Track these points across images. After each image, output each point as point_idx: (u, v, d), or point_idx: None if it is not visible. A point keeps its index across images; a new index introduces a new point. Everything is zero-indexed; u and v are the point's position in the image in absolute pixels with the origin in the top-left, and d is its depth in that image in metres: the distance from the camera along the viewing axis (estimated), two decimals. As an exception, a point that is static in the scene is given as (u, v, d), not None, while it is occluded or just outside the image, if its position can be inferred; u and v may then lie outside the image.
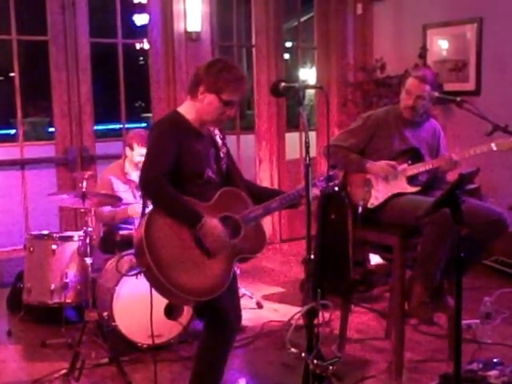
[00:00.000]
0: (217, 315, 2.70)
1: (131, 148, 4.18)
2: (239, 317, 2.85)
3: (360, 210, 3.42)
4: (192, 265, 2.56)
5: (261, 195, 2.86)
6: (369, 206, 3.43)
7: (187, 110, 2.73)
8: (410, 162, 3.45)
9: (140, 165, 4.13)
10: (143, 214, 2.71)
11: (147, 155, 2.64)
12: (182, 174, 2.63)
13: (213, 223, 2.60)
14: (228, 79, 2.63)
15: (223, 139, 2.86)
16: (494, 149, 3.27)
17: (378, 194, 3.44)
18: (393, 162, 3.42)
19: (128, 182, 4.25)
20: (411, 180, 3.45)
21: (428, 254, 3.21)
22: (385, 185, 3.44)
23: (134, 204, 4.15)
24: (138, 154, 4.15)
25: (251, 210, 2.76)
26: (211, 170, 2.75)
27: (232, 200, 2.75)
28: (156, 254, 2.50)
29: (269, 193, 2.96)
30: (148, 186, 2.59)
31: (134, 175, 4.25)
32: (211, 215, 2.62)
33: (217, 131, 2.85)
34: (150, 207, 2.65)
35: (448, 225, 3.05)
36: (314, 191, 2.76)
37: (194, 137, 2.71)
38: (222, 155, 2.82)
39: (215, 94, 2.64)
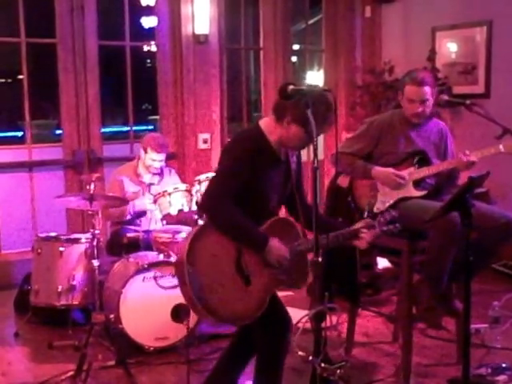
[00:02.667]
0: (270, 314, 2.65)
1: (145, 151, 4.23)
2: (286, 309, 2.81)
3: (366, 214, 3.40)
4: (230, 291, 2.54)
5: (320, 225, 2.76)
6: (375, 210, 3.41)
7: (270, 129, 2.63)
8: (416, 165, 3.43)
9: (151, 168, 4.23)
10: (179, 239, 2.70)
11: (219, 173, 2.59)
12: (247, 198, 2.57)
13: (277, 245, 2.59)
14: (317, 113, 2.43)
15: (298, 159, 2.79)
16: (502, 150, 3.26)
17: (384, 199, 3.42)
18: (400, 173, 3.39)
19: (140, 183, 4.28)
20: (418, 184, 3.42)
21: (434, 258, 3.19)
22: (391, 189, 3.42)
23: (142, 198, 4.16)
24: (150, 158, 4.22)
25: (300, 243, 2.69)
26: (276, 200, 2.70)
27: (283, 228, 2.69)
28: (195, 279, 2.47)
29: (327, 224, 2.78)
30: (213, 209, 2.55)
31: (146, 177, 4.29)
32: None
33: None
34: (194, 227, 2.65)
35: (453, 230, 3.04)
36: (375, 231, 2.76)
37: (272, 163, 2.63)
38: (290, 183, 2.73)
39: (302, 127, 2.53)
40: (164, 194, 3.87)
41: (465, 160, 3.30)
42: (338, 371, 2.40)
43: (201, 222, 3.59)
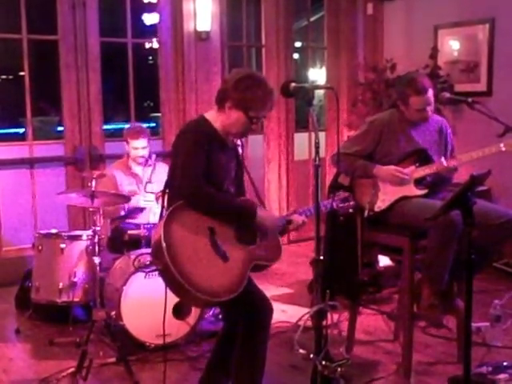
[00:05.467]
0: (252, 303, 2.70)
1: (127, 143, 4.29)
2: (267, 298, 2.83)
3: (366, 213, 3.39)
4: (209, 266, 2.57)
5: None
6: (375, 209, 3.41)
7: (214, 118, 2.74)
8: (417, 164, 3.42)
9: (137, 159, 4.25)
10: (161, 216, 2.72)
11: (182, 164, 2.62)
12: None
13: (263, 210, 2.73)
14: (256, 97, 2.63)
15: (242, 146, 2.92)
16: (503, 149, 3.25)
17: (385, 197, 3.42)
18: (403, 170, 3.39)
19: (132, 175, 4.32)
20: (419, 182, 3.42)
21: (433, 257, 3.19)
22: (392, 188, 3.41)
23: (137, 196, 4.19)
24: (132, 147, 4.28)
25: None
26: (230, 182, 2.78)
27: None
28: (174, 254, 2.50)
29: None
30: (194, 196, 2.59)
31: (138, 169, 4.32)
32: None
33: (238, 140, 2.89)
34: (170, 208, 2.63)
35: (453, 228, 3.04)
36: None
37: (220, 147, 2.72)
38: (241, 167, 2.87)
39: (242, 111, 2.65)
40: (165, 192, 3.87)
41: (445, 165, 3.32)
42: (339, 369, 2.40)
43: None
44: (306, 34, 6.62)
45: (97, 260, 3.64)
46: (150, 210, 4.20)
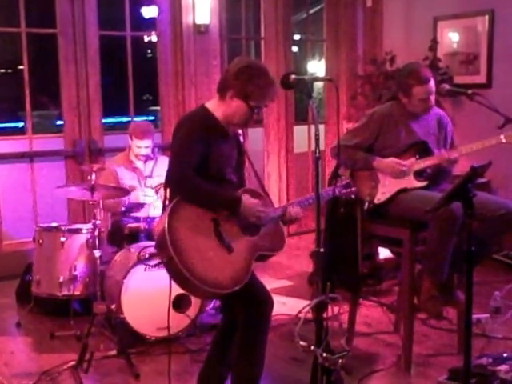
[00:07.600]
0: (253, 295, 2.70)
1: (131, 139, 4.29)
2: (268, 290, 2.83)
3: (366, 206, 3.40)
4: (213, 258, 2.57)
5: None
6: (375, 201, 3.41)
7: (215, 107, 2.73)
8: (417, 156, 3.42)
9: (139, 156, 4.24)
10: (164, 208, 2.72)
11: (175, 151, 2.64)
12: (205, 173, 2.64)
13: (250, 201, 2.67)
14: (257, 87, 2.62)
15: (244, 136, 2.91)
16: (503, 141, 3.26)
17: (385, 189, 3.42)
18: (403, 162, 3.39)
19: (133, 169, 4.31)
20: (418, 174, 3.42)
21: (433, 249, 3.19)
22: (392, 180, 3.41)
23: (137, 191, 4.18)
24: (135, 145, 4.27)
25: (271, 210, 2.78)
26: (232, 171, 2.78)
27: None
28: (178, 246, 2.50)
29: None
30: (179, 183, 2.60)
31: (139, 164, 4.32)
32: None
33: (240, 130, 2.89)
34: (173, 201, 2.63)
35: (452, 220, 3.04)
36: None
37: (221, 137, 2.72)
38: (243, 157, 2.86)
39: (244, 100, 2.64)
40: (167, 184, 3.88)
41: (445, 157, 3.32)
42: (340, 361, 2.40)
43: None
44: (305, 26, 6.61)
45: (97, 253, 3.64)
46: (151, 204, 4.20)
